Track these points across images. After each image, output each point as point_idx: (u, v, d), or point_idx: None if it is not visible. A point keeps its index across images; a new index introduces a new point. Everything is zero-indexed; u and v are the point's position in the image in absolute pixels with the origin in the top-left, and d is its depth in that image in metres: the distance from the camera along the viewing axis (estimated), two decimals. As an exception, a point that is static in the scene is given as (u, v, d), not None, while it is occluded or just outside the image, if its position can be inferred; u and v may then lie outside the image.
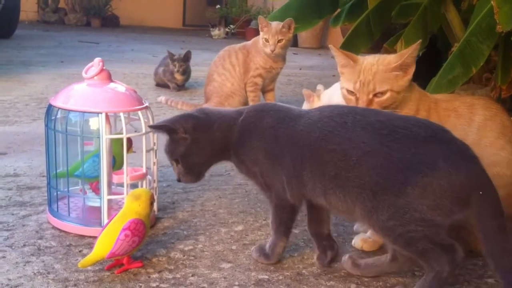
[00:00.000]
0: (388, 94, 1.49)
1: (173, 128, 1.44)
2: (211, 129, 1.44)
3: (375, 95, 1.49)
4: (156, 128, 1.50)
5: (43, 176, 2.00)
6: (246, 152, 1.43)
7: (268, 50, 3.16)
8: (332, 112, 1.34)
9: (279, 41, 3.14)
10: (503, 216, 1.19)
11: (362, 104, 1.48)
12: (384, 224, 1.22)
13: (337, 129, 1.29)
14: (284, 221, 1.44)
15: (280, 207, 1.42)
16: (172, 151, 1.46)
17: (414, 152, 1.20)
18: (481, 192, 1.18)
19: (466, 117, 1.52)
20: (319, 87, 2.88)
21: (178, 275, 1.39)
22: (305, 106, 2.58)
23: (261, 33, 3.20)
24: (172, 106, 3.52)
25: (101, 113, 1.53)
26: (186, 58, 4.08)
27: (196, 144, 1.44)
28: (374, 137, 1.24)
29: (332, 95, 2.52)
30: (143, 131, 1.60)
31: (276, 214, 1.44)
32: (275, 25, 3.16)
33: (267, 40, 3.15)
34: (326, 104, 1.77)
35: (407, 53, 1.49)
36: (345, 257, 1.46)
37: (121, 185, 1.62)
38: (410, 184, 1.18)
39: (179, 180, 1.50)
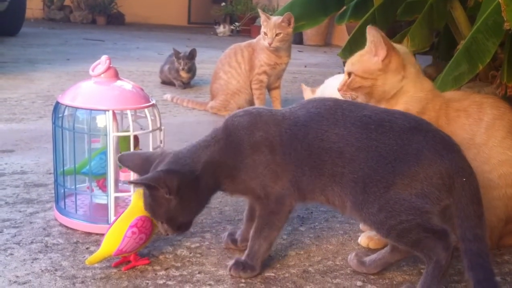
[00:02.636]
0: (352, 77, 1.55)
1: (154, 187, 1.30)
2: (198, 180, 1.33)
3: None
4: (136, 183, 1.38)
5: (50, 174, 2.01)
6: (244, 171, 1.35)
7: (266, 43, 3.17)
8: (319, 108, 1.34)
9: (277, 34, 3.14)
10: (481, 204, 1.24)
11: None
12: (375, 217, 1.25)
13: (331, 127, 1.30)
14: (279, 227, 1.39)
15: (279, 213, 1.37)
16: (154, 211, 1.35)
17: (400, 144, 1.25)
18: (464, 179, 1.23)
19: (475, 116, 1.53)
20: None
21: (184, 272, 1.40)
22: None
23: (262, 27, 3.22)
24: (177, 103, 3.53)
25: (108, 110, 1.54)
26: (191, 56, 4.08)
27: (183, 202, 1.32)
28: (363, 132, 1.28)
29: (323, 93, 2.53)
30: (150, 128, 1.61)
31: (272, 221, 1.38)
32: (275, 19, 3.17)
33: (265, 34, 3.16)
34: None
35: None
36: (351, 255, 1.46)
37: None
38: (398, 174, 1.23)
39: (167, 235, 1.42)
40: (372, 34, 1.53)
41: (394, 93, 1.53)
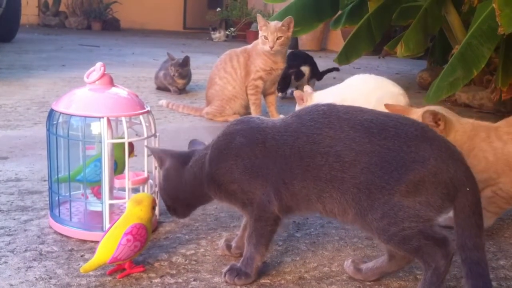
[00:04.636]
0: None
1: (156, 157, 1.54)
2: (184, 169, 1.45)
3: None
4: (149, 149, 1.59)
5: (45, 181, 2.00)
6: (222, 173, 1.37)
7: (267, 47, 3.15)
8: (312, 114, 1.32)
9: (278, 38, 3.14)
10: (481, 214, 1.25)
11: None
12: (378, 223, 1.24)
13: (324, 130, 1.28)
14: (266, 234, 1.37)
15: (264, 219, 1.36)
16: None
17: (407, 151, 1.23)
18: (468, 189, 1.23)
19: None
20: (307, 88, 2.98)
21: (180, 280, 1.39)
22: (298, 108, 2.62)
23: (260, 32, 3.21)
24: (173, 109, 3.52)
25: (102, 117, 1.53)
26: (184, 63, 4.05)
27: (167, 184, 1.47)
28: (364, 136, 1.25)
29: (324, 100, 2.54)
30: (145, 135, 1.61)
31: (258, 228, 1.37)
32: (274, 23, 3.17)
33: (266, 38, 3.15)
34: None
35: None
36: (348, 262, 1.46)
37: (123, 189, 1.62)
38: (404, 181, 1.21)
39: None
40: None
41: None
